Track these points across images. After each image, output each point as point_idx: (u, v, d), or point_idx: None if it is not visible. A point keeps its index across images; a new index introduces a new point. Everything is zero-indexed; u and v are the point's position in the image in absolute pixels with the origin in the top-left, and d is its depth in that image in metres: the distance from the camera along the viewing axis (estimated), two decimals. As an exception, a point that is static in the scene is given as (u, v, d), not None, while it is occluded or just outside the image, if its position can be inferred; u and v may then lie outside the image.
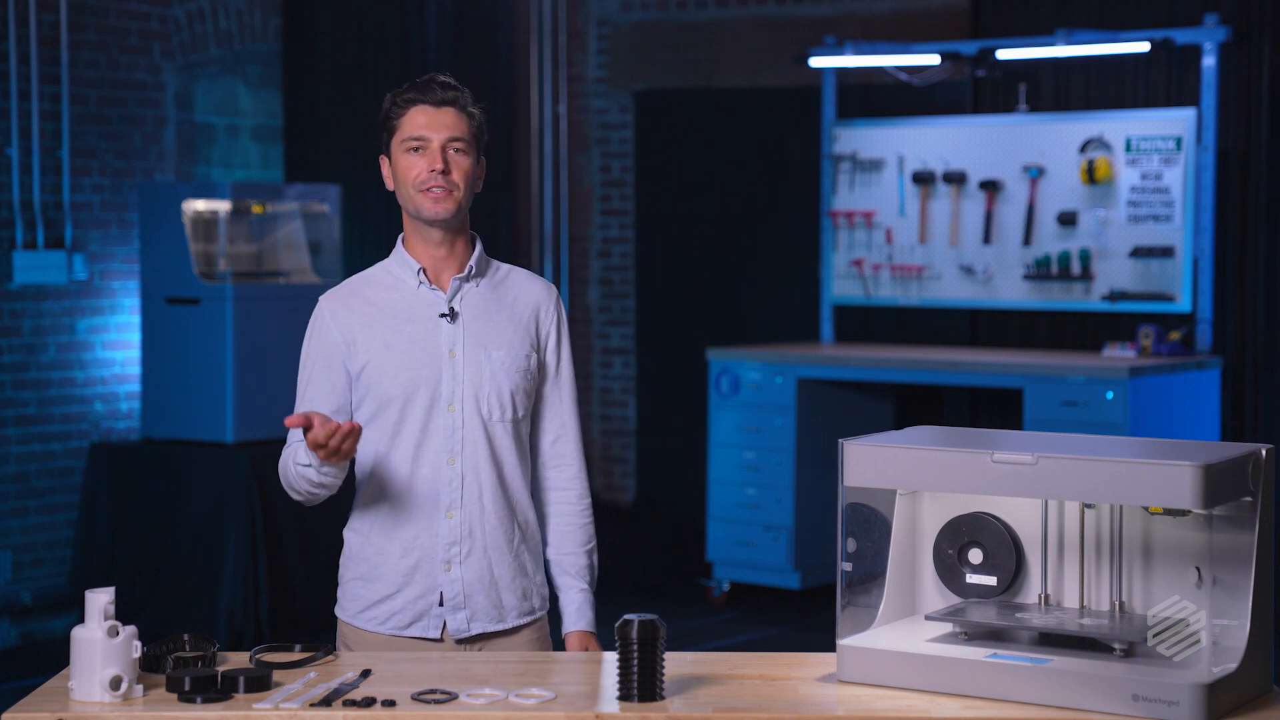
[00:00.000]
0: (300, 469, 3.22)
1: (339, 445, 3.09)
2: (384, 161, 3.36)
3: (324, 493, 3.27)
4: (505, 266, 3.43)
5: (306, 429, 3.09)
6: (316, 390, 3.34)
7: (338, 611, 3.40)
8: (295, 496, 3.32)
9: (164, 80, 7.80)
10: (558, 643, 3.43)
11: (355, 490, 3.41)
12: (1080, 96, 8.04)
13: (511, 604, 3.35)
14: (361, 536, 3.36)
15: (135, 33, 7.68)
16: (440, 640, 3.32)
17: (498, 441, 3.33)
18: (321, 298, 3.39)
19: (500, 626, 3.34)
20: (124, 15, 7.64)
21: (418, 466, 3.30)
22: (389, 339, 3.31)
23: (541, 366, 3.40)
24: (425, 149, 3.28)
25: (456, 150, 3.30)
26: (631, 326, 9.43)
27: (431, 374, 3.30)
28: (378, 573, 3.33)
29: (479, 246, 3.39)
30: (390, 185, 3.36)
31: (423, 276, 3.34)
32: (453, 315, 3.33)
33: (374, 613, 3.33)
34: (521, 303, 3.39)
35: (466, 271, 3.35)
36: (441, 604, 3.31)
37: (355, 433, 3.10)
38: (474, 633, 3.32)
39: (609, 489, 9.42)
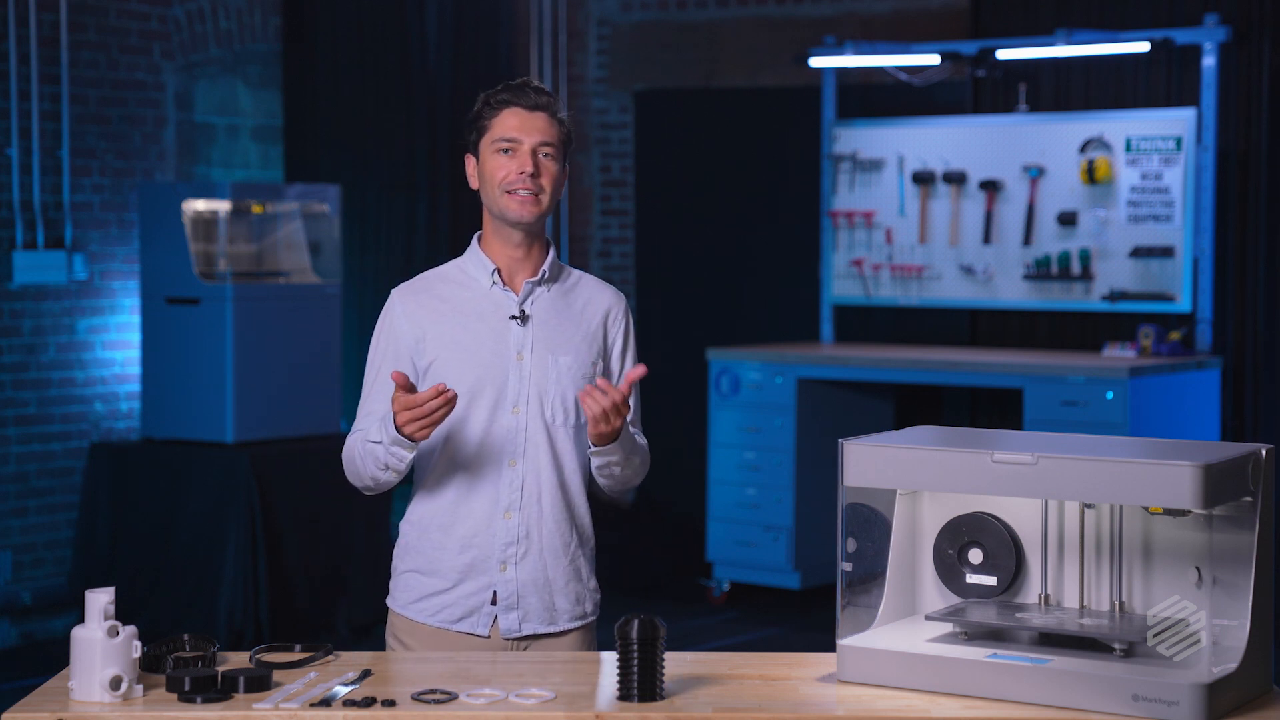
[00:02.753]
0: (369, 445, 3.24)
1: (432, 411, 3.10)
2: (470, 160, 3.38)
3: (386, 477, 3.27)
4: (576, 272, 3.46)
5: (407, 389, 3.10)
6: (384, 384, 3.33)
7: (389, 602, 3.42)
8: (357, 483, 3.34)
9: (164, 80, 7.79)
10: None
11: (412, 484, 3.43)
12: (1080, 96, 8.04)
13: (564, 607, 3.36)
14: (419, 530, 3.37)
15: (135, 33, 7.68)
16: (488, 638, 3.33)
17: (560, 446, 3.34)
18: (394, 291, 3.41)
19: (551, 629, 3.36)
20: (124, 15, 7.63)
21: (479, 465, 3.31)
22: (458, 336, 3.33)
23: (607, 374, 3.40)
24: (516, 151, 3.31)
25: (546, 155, 3.33)
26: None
27: (498, 375, 3.31)
28: (434, 567, 3.34)
29: (553, 251, 3.41)
30: (474, 184, 3.39)
31: (497, 277, 3.35)
32: (523, 318, 3.34)
33: (426, 605, 3.35)
34: (591, 310, 3.41)
35: (540, 275, 3.37)
36: (494, 603, 3.32)
37: (450, 402, 3.11)
38: (525, 633, 3.34)
39: (609, 489, 9.41)
